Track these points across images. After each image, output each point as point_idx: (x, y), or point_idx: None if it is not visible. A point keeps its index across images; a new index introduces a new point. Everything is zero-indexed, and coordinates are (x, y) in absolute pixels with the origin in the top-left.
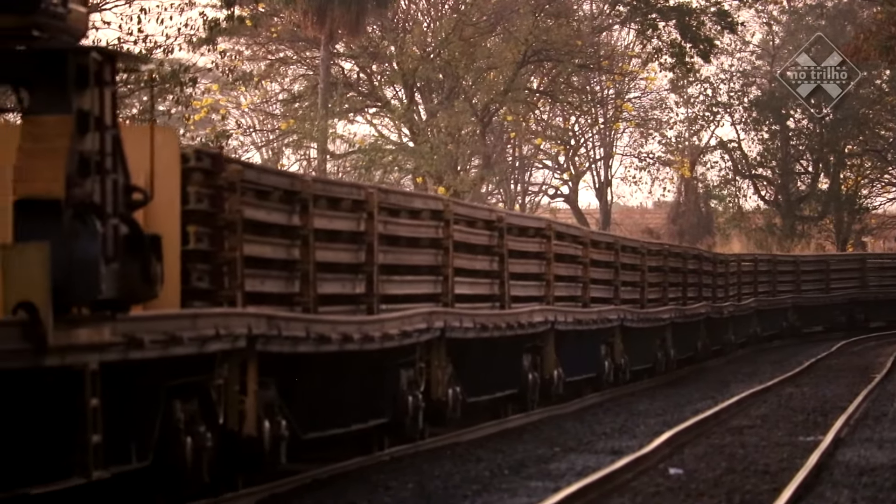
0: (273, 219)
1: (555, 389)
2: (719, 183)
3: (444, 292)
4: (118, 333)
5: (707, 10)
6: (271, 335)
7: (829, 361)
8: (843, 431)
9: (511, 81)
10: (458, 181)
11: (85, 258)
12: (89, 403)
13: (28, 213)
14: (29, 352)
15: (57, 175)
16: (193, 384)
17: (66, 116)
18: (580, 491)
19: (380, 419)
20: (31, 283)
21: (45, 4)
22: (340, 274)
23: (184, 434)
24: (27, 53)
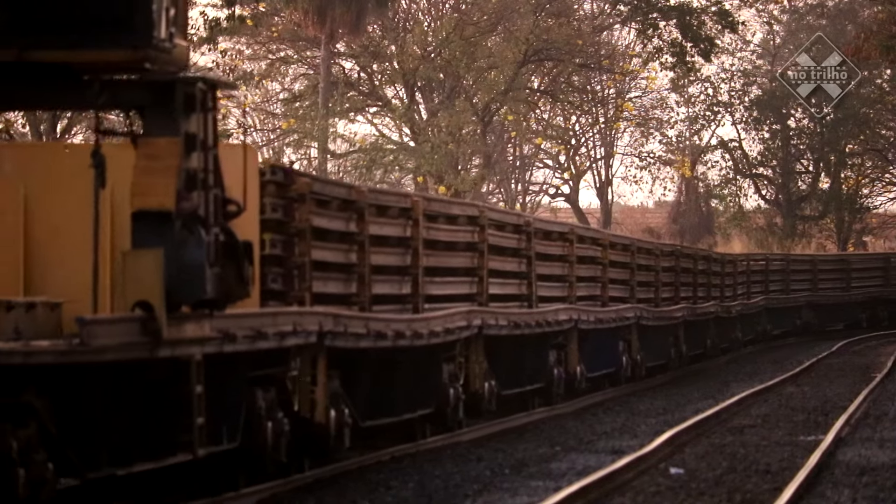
0: (334, 226)
1: (578, 384)
2: (720, 182)
3: (479, 292)
4: (215, 329)
5: (708, 9)
6: (337, 332)
7: (830, 361)
8: (844, 431)
9: (512, 81)
10: (459, 181)
11: (193, 263)
12: (195, 390)
13: (143, 223)
14: (146, 344)
15: (168, 190)
16: (272, 375)
17: (175, 139)
18: (581, 490)
19: (425, 409)
20: (147, 284)
21: (156, 40)
22: (390, 276)
23: (265, 420)
24: (141, 83)
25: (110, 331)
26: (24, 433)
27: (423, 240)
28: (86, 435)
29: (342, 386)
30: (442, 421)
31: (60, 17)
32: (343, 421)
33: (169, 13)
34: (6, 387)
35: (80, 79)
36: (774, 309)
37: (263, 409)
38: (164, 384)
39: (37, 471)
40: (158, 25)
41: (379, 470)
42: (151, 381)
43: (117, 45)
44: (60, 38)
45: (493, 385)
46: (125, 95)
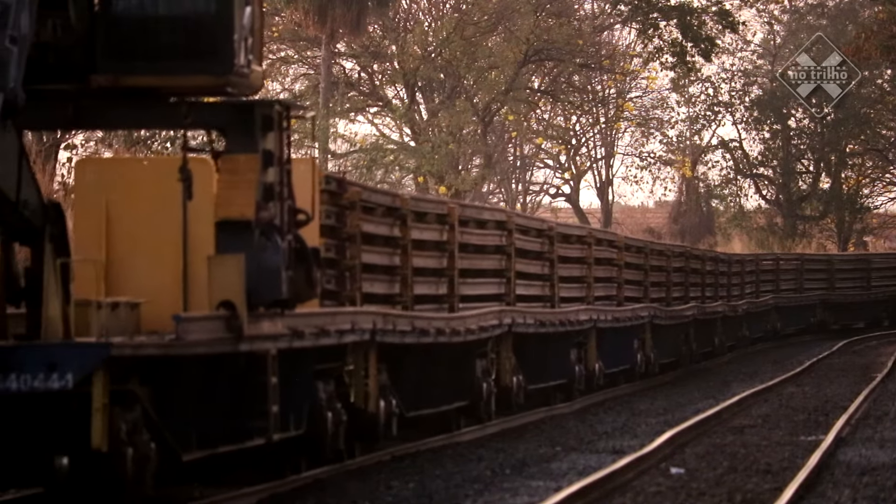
0: (380, 231)
1: (596, 380)
2: (720, 182)
3: (507, 293)
4: (286, 327)
5: (708, 9)
6: (387, 329)
7: (830, 361)
8: (845, 431)
9: (512, 81)
10: (460, 181)
11: (270, 267)
12: (270, 381)
13: (226, 231)
14: (230, 340)
15: (248, 201)
16: (331, 369)
17: (254, 155)
18: (581, 490)
19: (461, 402)
20: (230, 286)
21: (236, 67)
22: (428, 277)
23: (325, 409)
24: (223, 105)
25: (200, 327)
26: (131, 416)
27: (458, 243)
28: (180, 419)
29: (389, 379)
30: (475, 413)
31: (151, 47)
32: (391, 411)
33: (247, 42)
34: (117, 376)
35: (168, 101)
36: (786, 307)
37: (324, 400)
38: (243, 375)
39: (142, 450)
40: (238, 53)
41: (379, 470)
42: (233, 372)
43: (202, 71)
44: (152, 65)
45: (521, 380)
46: (209, 116)
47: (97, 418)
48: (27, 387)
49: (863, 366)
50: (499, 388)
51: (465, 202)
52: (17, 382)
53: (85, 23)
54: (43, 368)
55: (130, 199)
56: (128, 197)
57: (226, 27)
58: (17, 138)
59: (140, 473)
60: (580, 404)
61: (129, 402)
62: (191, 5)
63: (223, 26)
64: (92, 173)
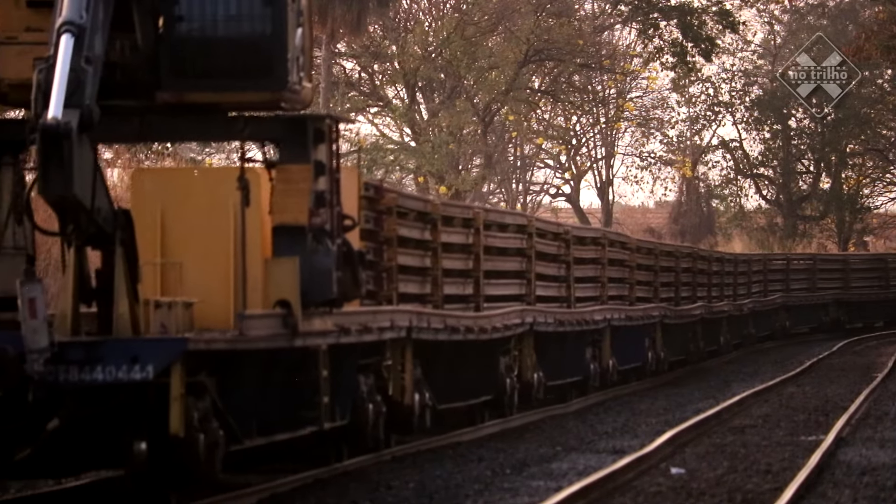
0: (412, 235)
1: (610, 377)
2: (721, 182)
3: (527, 293)
4: (334, 324)
5: (708, 9)
6: (422, 326)
7: (831, 361)
8: (845, 431)
9: (512, 81)
10: (460, 181)
11: (322, 269)
12: (321, 374)
13: (282, 235)
14: (286, 336)
15: (302, 208)
16: (371, 364)
17: (306, 166)
18: (582, 490)
19: (485, 396)
20: (285, 286)
21: (290, 84)
22: (456, 278)
23: (366, 401)
24: (278, 119)
25: (261, 324)
26: (202, 406)
27: (483, 246)
28: (242, 409)
29: (423, 374)
30: (499, 407)
31: (212, 66)
32: (425, 403)
33: (299, 61)
34: (190, 368)
35: (227, 116)
36: (796, 306)
37: (365, 393)
38: (297, 369)
39: (212, 437)
40: (291, 71)
41: (380, 470)
42: (288, 366)
43: (259, 88)
44: (212, 83)
45: (541, 376)
46: (264, 129)
47: (175, 407)
48: (112, 378)
49: (863, 366)
50: (521, 384)
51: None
52: (102, 374)
53: (151, 44)
54: (126, 361)
55: (183, 207)
56: (180, 204)
57: (280, 47)
58: (91, 151)
59: (210, 458)
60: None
61: (200, 392)
62: (248, 27)
63: (278, 47)
64: (147, 183)
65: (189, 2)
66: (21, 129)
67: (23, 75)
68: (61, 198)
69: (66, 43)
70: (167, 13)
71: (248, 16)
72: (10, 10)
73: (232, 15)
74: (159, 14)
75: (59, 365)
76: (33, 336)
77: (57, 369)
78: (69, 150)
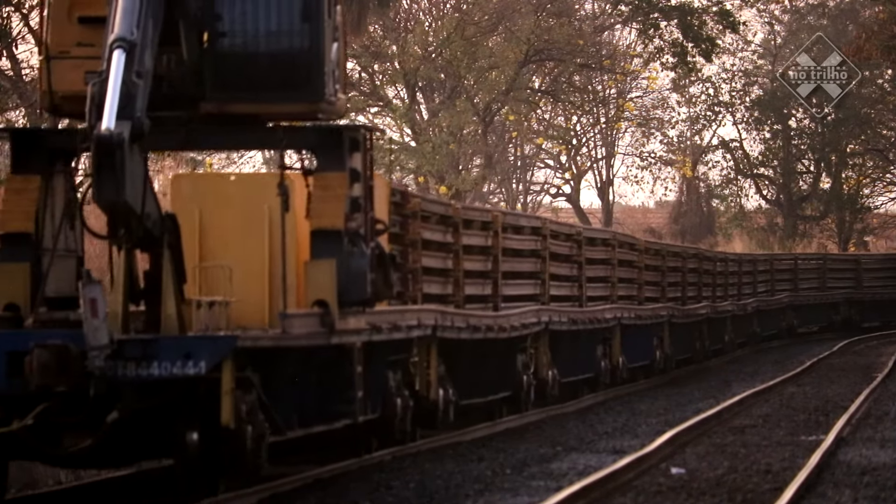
0: (435, 237)
1: (620, 374)
2: (721, 182)
3: (542, 293)
4: (367, 322)
5: (709, 9)
6: (446, 325)
7: (831, 361)
8: (845, 431)
9: (513, 81)
10: (460, 181)
11: (358, 271)
12: (356, 370)
13: (320, 239)
14: (324, 333)
15: (338, 213)
16: (400, 360)
17: (342, 173)
18: (582, 490)
19: (504, 392)
20: (323, 287)
21: (326, 96)
22: (476, 279)
23: (395, 396)
24: (315, 129)
25: (301, 323)
26: (249, 399)
27: (501, 248)
28: (283, 402)
29: (446, 370)
30: (516, 403)
31: (253, 79)
32: (448, 399)
33: (334, 74)
34: (238, 364)
35: (267, 126)
36: (803, 305)
37: (394, 388)
38: (334, 365)
39: (258, 428)
40: (328, 84)
41: (380, 469)
42: (325, 362)
43: (297, 100)
44: (253, 95)
45: (556, 373)
46: (302, 139)
47: (226, 400)
48: (167, 373)
49: (863, 366)
50: (537, 381)
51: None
52: (158, 369)
53: (195, 58)
54: (180, 357)
55: (219, 211)
56: (218, 208)
57: (317, 61)
58: (141, 160)
59: (257, 448)
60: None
61: (247, 386)
62: (287, 42)
63: (315, 61)
64: (186, 187)
65: (232, 18)
66: (73, 138)
67: (74, 87)
68: (113, 203)
69: (118, 58)
70: (211, 29)
71: (287, 31)
72: (63, 27)
73: (272, 31)
74: (204, 30)
75: (118, 361)
76: (94, 334)
77: (116, 365)
78: (121, 159)
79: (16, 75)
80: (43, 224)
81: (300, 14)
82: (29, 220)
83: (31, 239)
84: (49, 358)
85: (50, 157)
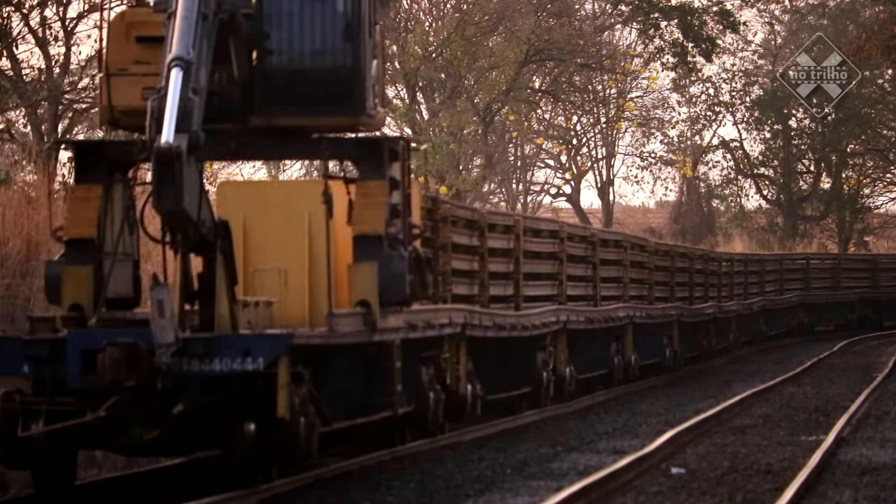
0: (463, 241)
1: (632, 371)
2: (721, 182)
3: (559, 293)
4: (404, 321)
5: (709, 9)
6: (474, 324)
7: (831, 361)
8: (846, 431)
9: (513, 81)
10: (460, 181)
11: (397, 273)
12: (396, 365)
13: (362, 243)
14: (367, 332)
15: (379, 219)
16: (432, 357)
17: (382, 182)
18: (582, 490)
19: (525, 388)
20: (366, 288)
21: (367, 109)
22: (499, 280)
23: (428, 390)
24: (357, 141)
25: (347, 322)
26: (301, 393)
27: (523, 251)
28: (331, 395)
29: (473, 367)
30: (536, 399)
31: (299, 94)
32: (476, 393)
33: (374, 89)
34: (291, 359)
35: (312, 137)
36: (815, 304)
37: (427, 382)
38: (375, 360)
39: (310, 420)
40: (368, 98)
41: (380, 469)
42: (368, 358)
43: (340, 113)
44: (299, 108)
45: (573, 370)
46: (344, 149)
47: (282, 394)
48: (227, 368)
49: (864, 366)
50: (555, 377)
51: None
52: (220, 365)
53: (245, 75)
54: (240, 354)
55: (262, 216)
56: (260, 214)
57: (359, 77)
58: (197, 171)
59: (309, 438)
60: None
61: (298, 381)
62: (331, 60)
63: (357, 77)
64: (231, 194)
65: (279, 38)
66: (131, 150)
67: (133, 103)
68: (172, 212)
69: (176, 76)
70: (260, 48)
71: (330, 50)
72: (122, 46)
73: (317, 49)
74: (253, 49)
75: (183, 357)
76: (161, 332)
77: (181, 361)
78: (179, 170)
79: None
80: (104, 230)
81: (342, 34)
82: (91, 226)
83: (93, 244)
84: (120, 355)
85: (109, 168)
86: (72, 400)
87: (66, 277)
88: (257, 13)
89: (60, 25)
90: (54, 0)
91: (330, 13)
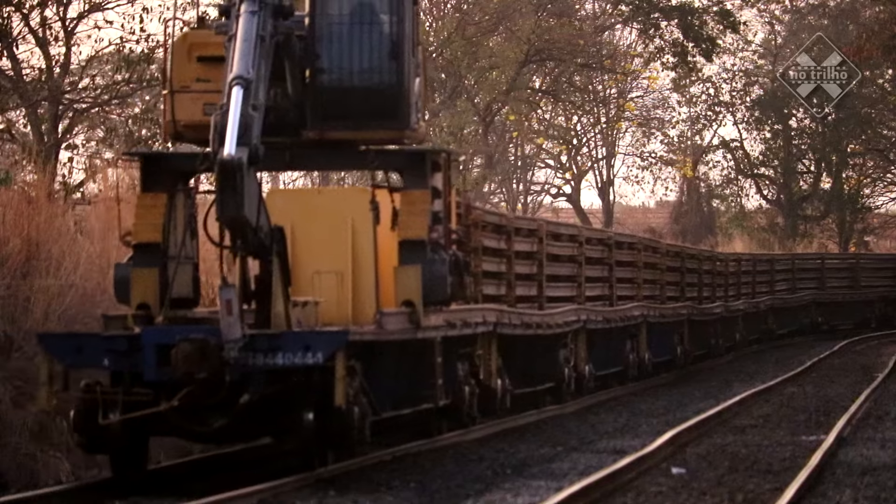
0: (492, 244)
1: (645, 368)
2: (721, 182)
3: (578, 294)
4: (444, 320)
5: (709, 9)
6: (504, 322)
7: (832, 361)
8: (846, 431)
9: (513, 81)
10: (461, 181)
11: (439, 275)
12: (437, 360)
13: (407, 248)
14: (412, 329)
15: (422, 226)
16: (466, 353)
17: (425, 191)
18: (583, 490)
19: (549, 384)
20: (411, 289)
21: (411, 124)
22: (524, 281)
23: (463, 384)
24: (402, 152)
25: (394, 320)
26: (354, 385)
27: (546, 254)
28: (379, 388)
29: (503, 363)
30: (558, 394)
31: (349, 110)
32: (506, 388)
33: (417, 104)
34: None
35: (360, 149)
36: (830, 303)
37: (462, 377)
38: (418, 356)
39: (362, 409)
40: (412, 113)
41: (381, 469)
42: (412, 353)
43: (386, 127)
44: (349, 123)
45: (591, 367)
46: (390, 161)
47: (339, 385)
48: (290, 362)
49: (864, 366)
50: (576, 374)
51: (549, 219)
52: (283, 359)
53: (298, 91)
54: (301, 349)
55: (309, 222)
56: (306, 220)
57: (404, 94)
58: (256, 181)
59: (362, 426)
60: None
61: (352, 374)
62: (378, 78)
63: (402, 94)
64: (279, 201)
65: (330, 58)
66: (192, 161)
67: (194, 118)
68: (233, 219)
69: (237, 93)
70: (312, 67)
71: (377, 68)
72: (184, 65)
73: (365, 68)
74: (306, 68)
75: (249, 352)
76: (229, 329)
77: (248, 356)
78: (241, 181)
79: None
80: (168, 235)
81: (388, 54)
82: (157, 231)
83: (159, 248)
84: (192, 350)
85: (173, 178)
86: (147, 391)
87: (135, 279)
88: (310, 35)
89: (60, 25)
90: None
91: (377, 34)
